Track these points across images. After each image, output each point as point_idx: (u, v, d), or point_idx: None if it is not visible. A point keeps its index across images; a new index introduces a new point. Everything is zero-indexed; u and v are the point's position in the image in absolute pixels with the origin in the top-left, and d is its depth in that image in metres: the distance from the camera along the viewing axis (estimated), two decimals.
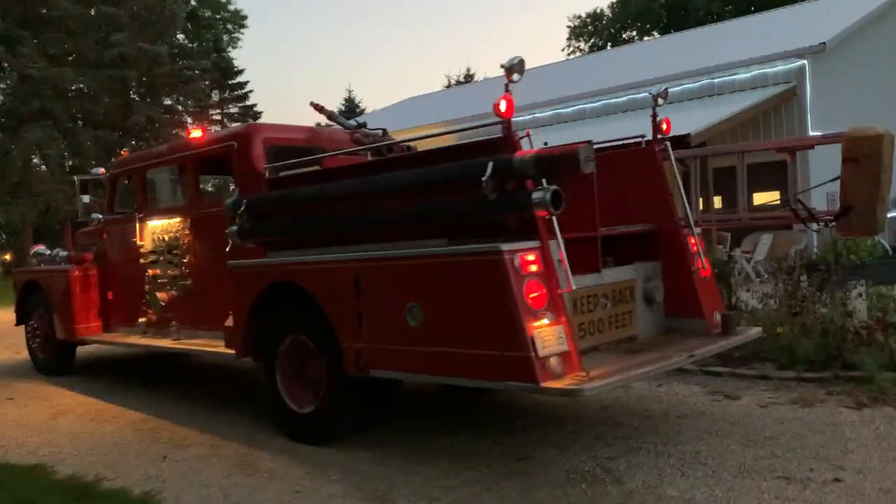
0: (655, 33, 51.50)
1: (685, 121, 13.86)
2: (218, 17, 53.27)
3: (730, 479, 4.29)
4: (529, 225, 4.29)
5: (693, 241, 5.56)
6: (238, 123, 42.15)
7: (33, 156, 32.05)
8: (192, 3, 50.50)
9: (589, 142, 4.22)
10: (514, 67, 4.31)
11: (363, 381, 4.98)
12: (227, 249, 6.09)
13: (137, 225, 7.58)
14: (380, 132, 6.58)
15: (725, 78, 16.80)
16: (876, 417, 5.39)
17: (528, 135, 4.38)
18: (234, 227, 5.89)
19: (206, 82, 35.89)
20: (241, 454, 5.36)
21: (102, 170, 8.42)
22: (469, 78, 51.64)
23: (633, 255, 5.52)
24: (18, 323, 9.43)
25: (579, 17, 58.20)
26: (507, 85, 4.33)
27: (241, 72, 41.11)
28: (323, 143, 6.61)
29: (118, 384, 8.26)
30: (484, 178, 4.23)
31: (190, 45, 44.44)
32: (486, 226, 4.43)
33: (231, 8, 53.92)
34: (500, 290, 4.10)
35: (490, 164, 4.26)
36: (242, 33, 54.28)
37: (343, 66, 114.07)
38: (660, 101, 5.62)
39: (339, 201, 5.16)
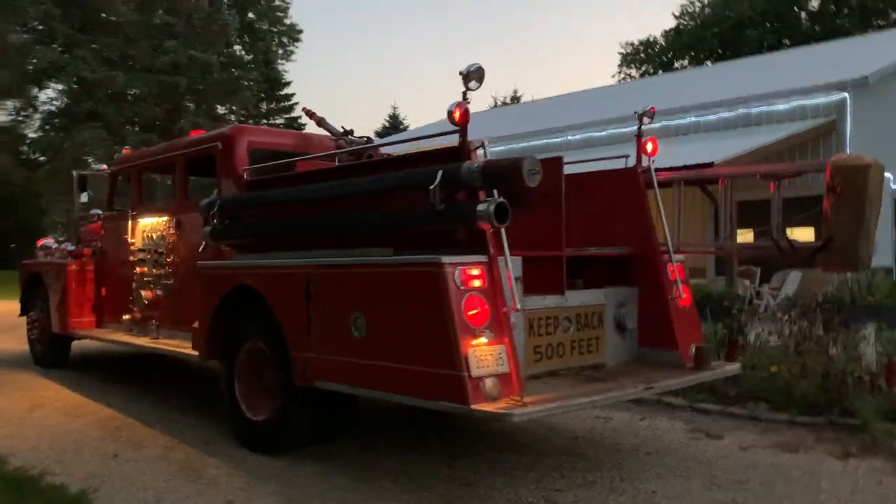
0: (708, 63, 50.77)
1: (714, 149, 13.49)
2: (274, 29, 54.52)
3: None
4: (479, 238, 4.10)
5: (672, 268, 5.30)
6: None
7: (84, 156, 33.03)
8: (251, 15, 51.96)
9: (560, 158, 4.01)
10: (472, 74, 4.15)
11: (313, 392, 4.82)
12: (200, 250, 6.04)
13: (130, 223, 7.61)
14: (364, 139, 6.48)
15: (763, 108, 16.33)
16: (860, 469, 5.01)
17: (483, 144, 4.21)
18: (208, 228, 5.84)
19: (253, 93, 36.46)
20: (190, 459, 5.25)
21: (105, 166, 8.50)
22: (516, 99, 51.55)
23: (608, 279, 5.28)
24: (22, 314, 9.55)
25: (631, 44, 57.76)
26: (464, 93, 4.17)
27: (287, 83, 41.78)
28: (311, 148, 6.52)
29: (104, 380, 8.27)
30: (432, 187, 4.07)
31: (245, 55, 45.53)
32: (436, 237, 4.26)
33: (287, 21, 55.19)
34: (437, 305, 3.91)
35: (439, 173, 4.10)
36: (297, 46, 55.46)
37: (388, 83, 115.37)
38: (645, 119, 5.39)
39: (299, 206, 5.05)
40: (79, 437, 5.91)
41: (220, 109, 38.59)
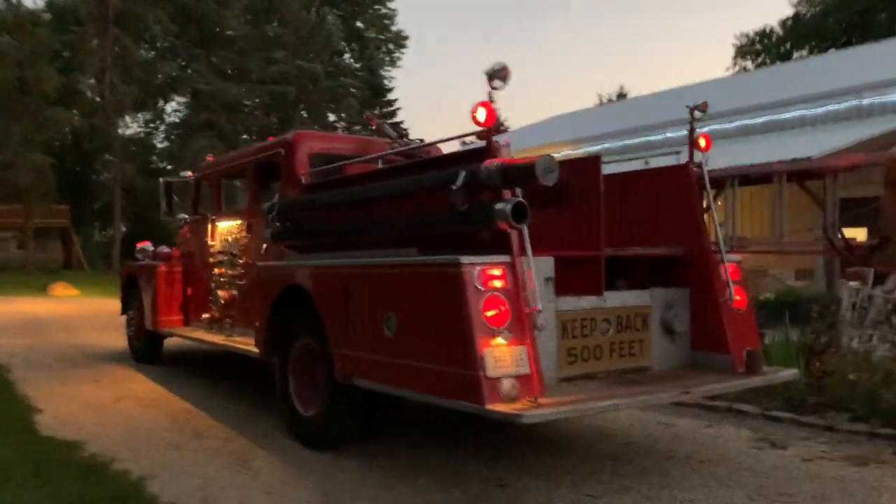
0: (832, 51, 47.79)
1: (816, 143, 12.71)
2: (381, 37, 55.91)
3: None
4: (503, 239, 4.08)
5: (724, 269, 5.06)
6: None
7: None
8: (359, 23, 53.54)
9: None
10: (496, 74, 4.14)
11: (354, 389, 4.93)
12: (262, 252, 6.30)
13: (210, 226, 8.02)
14: (418, 141, 6.56)
15: (876, 99, 15.22)
16: None
17: (507, 143, 4.18)
18: (268, 230, 6.09)
19: (357, 100, 37.45)
20: (244, 450, 5.48)
21: (190, 173, 9.00)
22: (622, 96, 50.41)
23: (658, 280, 5.11)
24: (122, 312, 10.25)
25: (747, 35, 55.20)
26: (489, 93, 4.16)
27: (390, 90, 42.65)
28: (369, 152, 6.66)
29: (188, 375, 8.75)
30: (454, 188, 4.08)
31: (353, 62, 46.90)
32: (463, 238, 4.26)
33: (393, 28, 56.46)
34: (457, 304, 3.92)
35: (461, 174, 4.11)
36: (403, 52, 56.65)
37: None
38: (697, 113, 5.18)
39: (340, 208, 5.19)
40: (151, 426, 6.29)
41: (331, 117, 40.02)
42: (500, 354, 3.83)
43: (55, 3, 40.37)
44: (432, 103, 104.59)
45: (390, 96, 44.35)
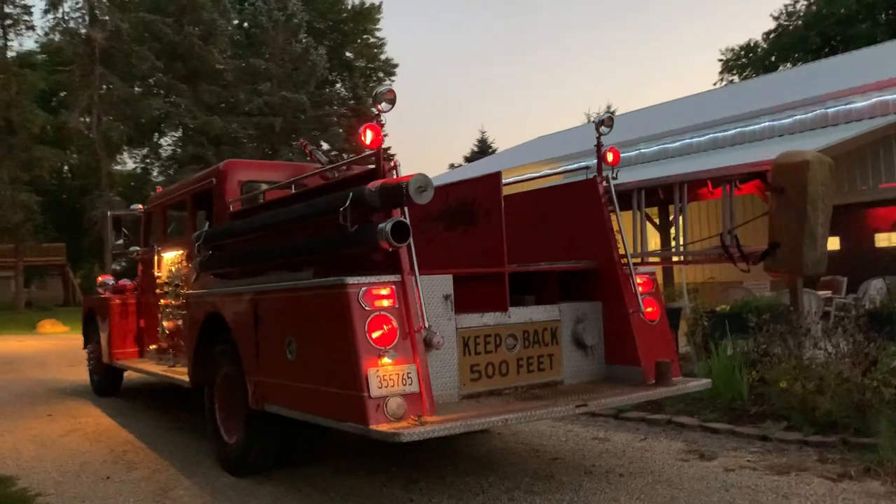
0: (802, 64, 48.06)
1: (775, 153, 12.72)
2: (372, 65, 56.50)
3: None
4: (392, 258, 4.12)
5: (639, 281, 5.08)
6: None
7: None
8: (348, 54, 54.10)
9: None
10: (383, 97, 4.21)
11: (268, 415, 4.93)
12: (193, 281, 6.33)
13: (156, 257, 8.07)
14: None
15: (841, 107, 15.30)
16: (849, 493, 4.58)
17: (395, 165, 4.23)
18: (196, 259, 6.13)
19: (343, 128, 37.73)
20: (169, 480, 5.47)
21: (140, 206, 9.07)
22: (611, 113, 50.66)
23: (571, 295, 5.13)
24: (84, 346, 10.27)
25: (732, 49, 55.60)
26: (376, 116, 4.23)
27: (376, 116, 42.88)
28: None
29: (143, 407, 8.75)
30: (342, 210, 4.13)
31: (343, 91, 47.22)
32: (359, 259, 4.30)
33: (382, 57, 57.06)
34: (342, 325, 3.95)
35: (350, 196, 4.15)
36: (393, 80, 57.12)
37: (477, 107, 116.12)
38: (602, 129, 5.24)
39: (254, 234, 5.23)
40: (88, 459, 6.28)
41: (325, 145, 40.33)
42: (386, 374, 3.85)
43: (47, 44, 40.90)
44: (425, 128, 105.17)
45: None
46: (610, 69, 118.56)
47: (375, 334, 3.91)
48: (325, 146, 45.77)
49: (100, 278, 10.22)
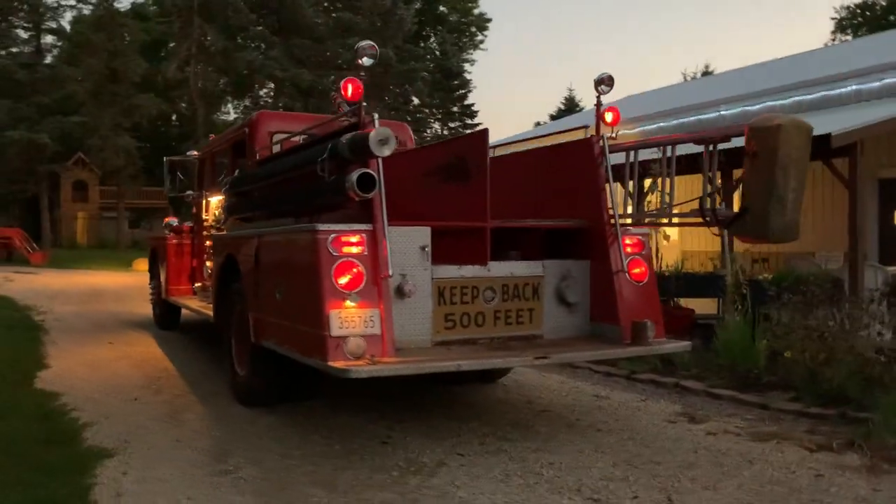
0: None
1: (845, 121, 12.13)
2: (464, 20, 56.17)
3: (543, 494, 3.99)
4: (368, 209, 4.34)
5: (628, 241, 5.12)
6: (458, 123, 44.32)
7: None
8: (442, 8, 53.96)
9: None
10: (365, 52, 4.39)
11: (266, 350, 5.29)
12: (222, 224, 6.76)
13: (204, 202, 8.59)
14: None
15: None
16: (819, 463, 4.55)
17: (374, 118, 4.42)
18: (225, 204, 6.55)
19: (426, 83, 37.82)
20: (186, 405, 5.98)
21: (196, 152, 9.60)
22: (708, 73, 48.63)
23: (558, 252, 5.23)
24: (150, 282, 11.06)
25: (848, 7, 52.07)
26: (358, 69, 4.42)
27: (460, 73, 42.89)
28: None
29: (193, 341, 9.41)
30: (320, 161, 4.37)
31: (435, 46, 47.36)
32: (338, 208, 4.55)
33: (476, 12, 56.57)
34: (311, 268, 4.23)
35: (328, 148, 4.39)
36: (486, 35, 56.69)
37: (568, 64, 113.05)
38: (602, 87, 5.24)
39: (263, 183, 5.56)
40: (126, 383, 6.89)
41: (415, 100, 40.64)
42: (347, 316, 4.11)
43: None
44: (514, 84, 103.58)
45: (464, 78, 44.53)
46: (711, 27, 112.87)
47: (342, 279, 4.16)
48: (415, 101, 46.25)
49: (166, 219, 10.92)
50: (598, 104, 5.26)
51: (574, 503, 3.85)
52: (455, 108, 43.61)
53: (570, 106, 44.31)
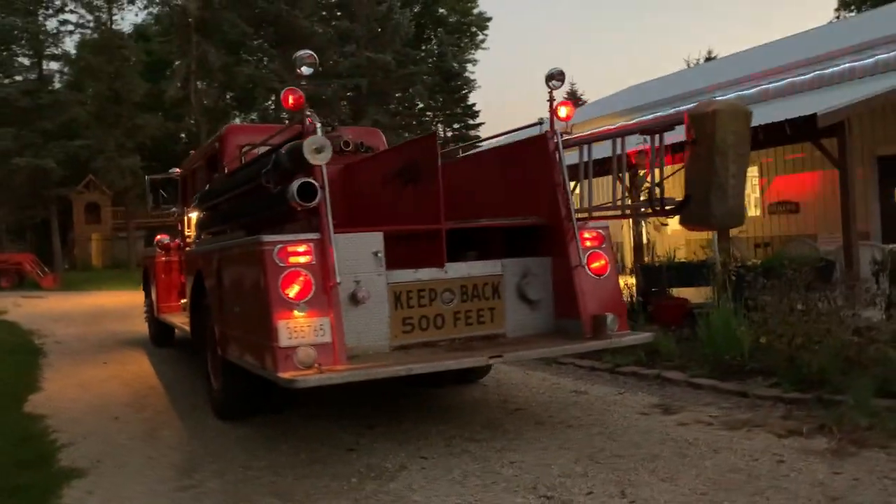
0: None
1: (835, 100, 12.01)
2: (464, 20, 56.16)
3: (498, 493, 3.98)
4: (314, 217, 4.36)
5: (587, 235, 5.10)
6: (460, 125, 44.28)
7: None
8: (441, 10, 54.00)
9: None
10: (303, 61, 4.41)
11: (231, 364, 5.30)
12: (194, 239, 6.81)
13: (185, 217, 8.65)
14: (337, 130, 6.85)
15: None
16: (785, 449, 4.50)
17: (315, 126, 4.42)
18: (196, 219, 6.60)
19: (426, 87, 37.90)
20: (165, 422, 6.03)
21: (178, 170, 9.68)
22: (711, 59, 48.26)
23: (518, 250, 5.22)
24: (145, 299, 11.15)
25: None
26: (298, 79, 4.43)
27: (459, 74, 42.88)
28: None
29: (183, 358, 9.44)
30: (263, 172, 4.39)
31: (435, 48, 47.38)
32: (287, 218, 4.57)
33: (475, 11, 56.53)
34: (259, 280, 4.24)
35: (272, 159, 4.41)
36: (485, 33, 56.65)
37: (569, 59, 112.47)
38: (553, 83, 5.22)
39: (221, 197, 5.59)
40: (112, 402, 6.95)
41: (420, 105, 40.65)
42: (296, 325, 4.12)
43: (160, 15, 42.97)
44: (515, 82, 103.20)
45: (464, 79, 44.51)
46: (713, 13, 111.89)
47: (290, 289, 4.18)
48: (420, 104, 46.26)
49: (157, 237, 11.01)
50: (551, 99, 5.23)
51: (527, 501, 3.83)
52: (457, 110, 43.60)
53: (573, 100, 44.12)
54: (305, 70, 4.38)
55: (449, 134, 43.22)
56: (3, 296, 22.53)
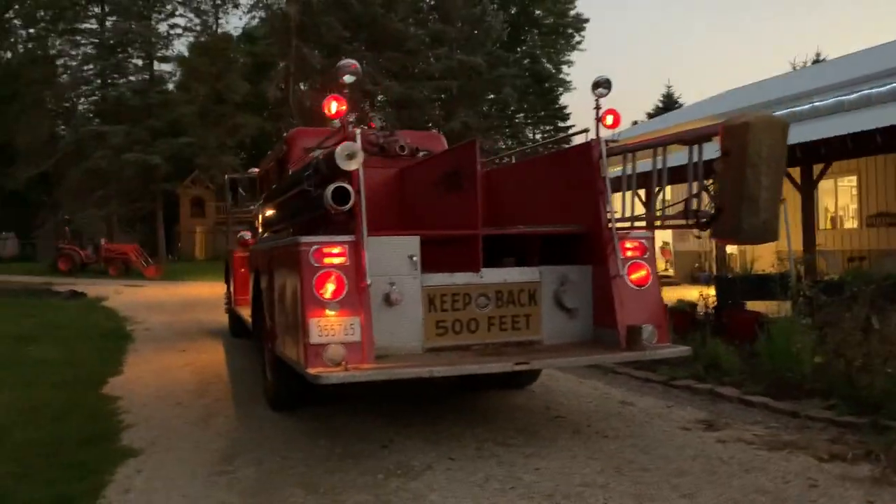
0: None
1: None
2: (561, 21, 55.73)
3: (513, 499, 4.02)
4: (350, 221, 4.52)
5: (629, 245, 5.06)
6: (549, 127, 43.91)
7: None
8: (538, 12, 53.80)
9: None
10: (346, 70, 4.58)
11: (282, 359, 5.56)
12: (259, 238, 7.14)
13: (260, 216, 9.06)
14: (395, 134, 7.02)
15: None
16: (824, 473, 4.33)
17: (355, 132, 4.57)
18: (261, 219, 6.93)
19: (516, 88, 37.91)
20: (219, 409, 6.35)
21: (256, 169, 10.12)
22: (818, 62, 45.98)
23: (559, 258, 5.23)
24: (226, 292, 11.71)
25: None
26: (341, 87, 4.61)
27: (550, 76, 42.57)
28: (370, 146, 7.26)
29: (254, 349, 9.89)
30: (305, 176, 4.59)
31: (534, 50, 47.18)
32: (332, 221, 4.75)
33: (572, 13, 55.98)
34: (296, 279, 4.44)
35: (313, 164, 4.60)
36: (582, 35, 56.01)
37: (664, 59, 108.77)
38: (600, 90, 5.20)
39: (279, 198, 5.85)
40: (179, 388, 7.37)
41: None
42: (328, 324, 4.30)
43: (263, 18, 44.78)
44: (613, 81, 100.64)
45: (559, 80, 44.19)
46: (822, 13, 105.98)
47: (323, 288, 4.35)
48: (513, 107, 46.20)
49: (239, 233, 11.55)
50: (597, 107, 5.21)
51: None
52: (544, 112, 43.29)
53: (669, 103, 43.04)
54: (348, 78, 4.54)
55: (538, 136, 42.98)
56: (108, 283, 24.06)
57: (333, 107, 4.54)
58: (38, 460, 4.94)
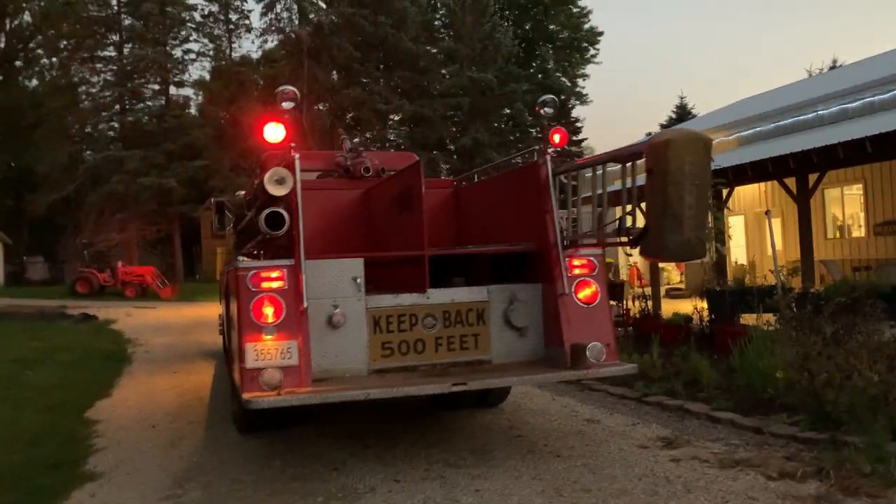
0: None
1: None
2: (575, 35, 55.79)
3: None
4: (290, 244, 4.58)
5: (576, 263, 5.05)
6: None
7: None
8: (552, 26, 53.91)
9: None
10: (285, 96, 4.65)
11: None
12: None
13: (233, 238, 9.17)
14: (362, 156, 7.09)
15: None
16: (769, 492, 4.28)
17: (294, 158, 4.63)
18: (234, 242, 7.02)
19: (527, 104, 37.97)
20: (190, 432, 6.42)
21: (243, 192, 10.24)
22: (835, 68, 45.46)
23: (509, 277, 5.24)
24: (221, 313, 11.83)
25: None
26: (283, 115, 4.68)
27: (563, 90, 42.45)
28: (328, 167, 7.35)
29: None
30: (247, 200, 4.66)
31: (546, 65, 47.26)
32: (274, 245, 4.82)
33: (586, 27, 56.01)
34: (237, 303, 4.50)
35: (256, 189, 4.67)
36: (596, 48, 55.99)
37: (676, 70, 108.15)
38: (546, 110, 5.24)
39: (243, 223, 5.94)
40: (158, 411, 7.47)
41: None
42: (263, 348, 4.34)
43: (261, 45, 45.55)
44: (625, 93, 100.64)
45: (575, 93, 44.14)
46: (835, 18, 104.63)
47: (260, 312, 4.40)
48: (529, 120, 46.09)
49: (240, 255, 11.68)
50: (544, 126, 5.25)
51: None
52: (557, 126, 43.14)
53: (682, 114, 42.71)
54: (286, 105, 4.61)
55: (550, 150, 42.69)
56: (122, 305, 24.37)
57: (279, 134, 4.60)
58: (1, 485, 5.04)
